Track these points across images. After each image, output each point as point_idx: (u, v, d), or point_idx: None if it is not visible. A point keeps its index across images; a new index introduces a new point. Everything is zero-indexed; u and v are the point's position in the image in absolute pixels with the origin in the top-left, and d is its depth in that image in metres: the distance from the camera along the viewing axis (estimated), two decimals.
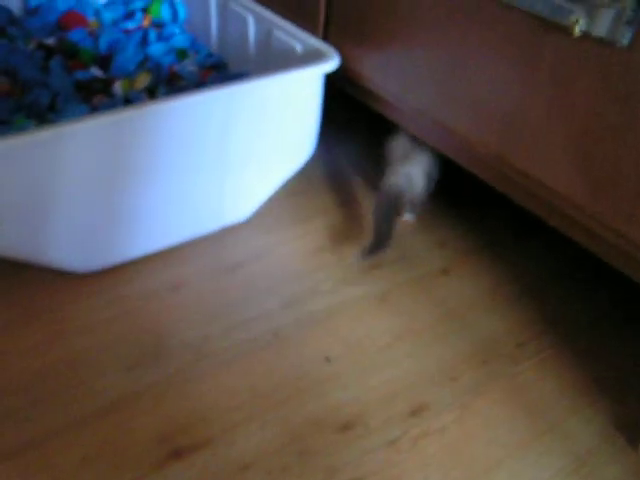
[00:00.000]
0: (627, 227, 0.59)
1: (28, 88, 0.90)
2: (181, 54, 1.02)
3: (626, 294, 0.84)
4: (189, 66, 0.99)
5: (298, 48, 0.86)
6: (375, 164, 1.03)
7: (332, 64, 0.80)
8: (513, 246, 0.90)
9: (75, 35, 1.00)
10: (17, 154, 0.63)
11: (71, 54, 0.98)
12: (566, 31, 0.58)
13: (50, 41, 1.00)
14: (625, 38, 0.54)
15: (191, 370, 0.70)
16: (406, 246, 0.88)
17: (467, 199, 0.98)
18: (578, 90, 0.60)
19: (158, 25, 1.09)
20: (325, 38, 0.88)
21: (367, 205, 0.95)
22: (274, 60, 0.91)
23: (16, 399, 0.65)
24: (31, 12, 1.08)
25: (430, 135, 0.78)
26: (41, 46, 0.98)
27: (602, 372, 0.74)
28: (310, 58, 0.83)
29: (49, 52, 0.98)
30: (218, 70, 1.00)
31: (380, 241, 0.82)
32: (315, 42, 0.84)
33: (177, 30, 1.06)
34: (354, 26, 0.83)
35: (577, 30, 0.57)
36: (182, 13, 1.09)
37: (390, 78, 0.80)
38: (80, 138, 0.66)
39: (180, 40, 1.05)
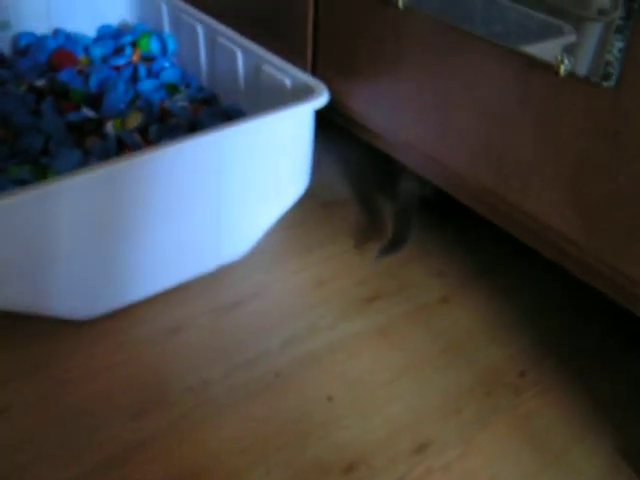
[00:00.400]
0: (621, 262, 0.59)
1: (20, 133, 0.91)
2: (172, 89, 1.02)
3: (627, 318, 0.84)
4: (180, 101, 0.99)
5: (288, 83, 0.86)
6: (372, 192, 1.03)
7: (322, 100, 0.80)
8: (512, 271, 0.90)
9: (65, 75, 1.00)
10: (12, 211, 0.63)
11: (62, 95, 0.98)
12: (552, 70, 0.58)
13: (41, 83, 1.00)
14: (611, 79, 0.54)
15: (193, 416, 0.70)
16: (404, 276, 0.88)
17: (463, 224, 0.98)
18: (565, 128, 0.60)
19: (148, 59, 1.09)
20: (314, 72, 0.89)
21: (366, 234, 0.95)
22: (264, 94, 0.91)
23: (19, 456, 0.66)
24: (21, 52, 1.09)
25: (422, 168, 0.79)
26: (32, 88, 0.99)
27: (605, 398, 0.74)
28: (300, 93, 0.84)
29: (40, 94, 0.98)
30: (209, 104, 1.00)
31: (397, 240, 0.83)
32: (304, 77, 0.84)
33: (167, 64, 1.07)
34: (341, 61, 0.83)
35: (562, 70, 0.57)
36: (171, 46, 1.09)
37: (379, 112, 0.80)
38: (74, 191, 0.66)
39: (170, 74, 1.05)
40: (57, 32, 1.12)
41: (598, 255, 0.61)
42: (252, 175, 0.79)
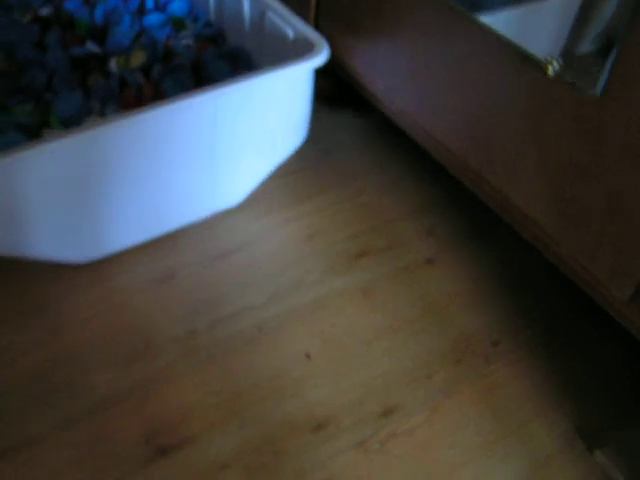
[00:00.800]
0: (590, 263, 0.60)
1: (24, 67, 0.91)
2: (178, 23, 1.01)
3: None
4: (185, 39, 0.98)
5: (290, 34, 0.85)
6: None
7: (321, 58, 0.79)
8: (501, 237, 0.91)
9: (71, 4, 0.99)
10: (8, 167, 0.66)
11: (67, 25, 0.98)
12: (541, 69, 0.58)
13: (46, 12, 0.99)
14: (597, 88, 0.54)
15: (177, 367, 0.74)
16: (395, 233, 0.90)
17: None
18: (550, 126, 0.60)
19: None
20: (316, 23, 0.87)
21: (362, 183, 0.96)
22: (267, 40, 0.90)
23: (9, 399, 0.70)
24: None
25: (415, 134, 0.79)
26: (37, 18, 0.98)
27: (571, 377, 0.77)
28: (301, 45, 0.83)
29: (45, 24, 0.97)
30: (216, 42, 0.99)
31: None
32: (307, 30, 0.83)
33: None
34: (342, 17, 0.81)
35: (551, 70, 0.56)
36: None
37: (377, 76, 0.79)
38: (68, 147, 0.68)
39: (178, 6, 1.03)
40: None
41: (571, 251, 0.62)
42: (247, 130, 0.80)
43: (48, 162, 0.68)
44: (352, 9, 0.79)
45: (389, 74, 0.77)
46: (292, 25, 0.85)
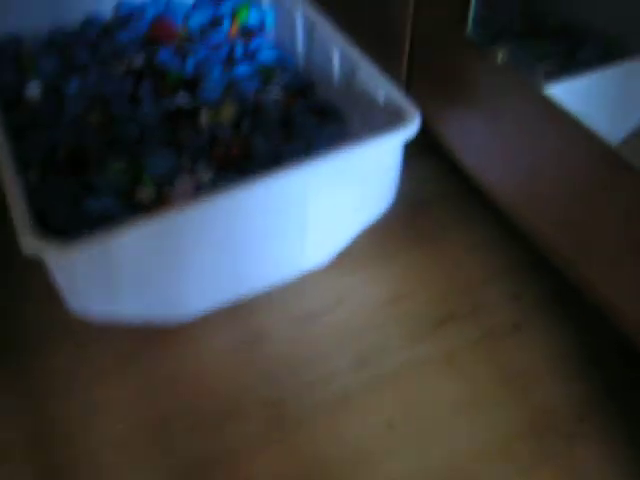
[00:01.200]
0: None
1: (118, 121, 0.94)
2: (267, 74, 1.02)
3: None
4: (274, 92, 0.99)
5: (380, 97, 0.85)
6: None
7: (413, 129, 0.79)
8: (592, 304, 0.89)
9: (163, 55, 1.01)
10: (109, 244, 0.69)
11: (159, 75, 1.00)
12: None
13: (139, 62, 1.02)
14: None
15: (265, 435, 0.76)
16: (479, 296, 0.89)
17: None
18: None
19: (245, 33, 1.08)
20: (408, 83, 0.86)
21: (448, 240, 0.95)
22: (356, 99, 0.90)
23: (107, 456, 0.74)
24: (121, 21, 1.10)
25: (509, 211, 0.78)
26: (130, 71, 1.01)
27: None
28: (391, 111, 0.83)
29: (138, 75, 1.00)
30: (304, 94, 1.00)
31: None
32: (398, 97, 0.82)
33: (264, 43, 1.06)
34: (437, 84, 0.81)
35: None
36: (270, 20, 1.08)
37: (468, 149, 0.79)
38: (163, 225, 0.71)
39: (267, 55, 1.04)
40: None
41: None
42: (337, 198, 0.81)
43: (144, 238, 0.71)
44: (447, 79, 0.78)
45: (481, 151, 0.76)
46: (383, 88, 0.85)
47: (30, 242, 0.67)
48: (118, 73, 1.00)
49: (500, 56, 0.66)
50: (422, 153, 1.05)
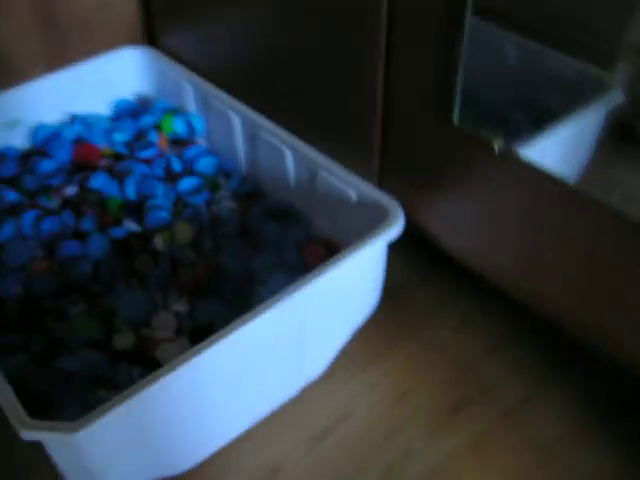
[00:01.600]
0: None
1: (66, 262, 0.86)
2: (213, 183, 0.97)
3: None
4: (225, 201, 0.94)
5: (353, 195, 0.82)
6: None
7: (398, 227, 0.76)
8: (599, 362, 0.88)
9: (96, 182, 0.94)
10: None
11: (97, 204, 0.93)
12: None
13: (71, 191, 0.94)
14: None
15: None
16: (483, 374, 0.87)
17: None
18: None
19: (177, 142, 1.03)
20: (380, 179, 0.84)
21: (435, 323, 0.93)
22: (322, 200, 0.87)
23: None
24: (39, 150, 1.01)
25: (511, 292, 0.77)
26: (66, 202, 0.92)
27: None
28: (367, 208, 0.80)
29: (76, 207, 0.92)
30: (256, 199, 0.96)
31: None
32: (373, 194, 0.80)
33: (199, 151, 1.01)
34: (414, 174, 0.79)
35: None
36: (199, 127, 1.03)
37: (459, 236, 0.78)
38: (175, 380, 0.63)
39: (206, 164, 0.99)
40: (73, 119, 1.05)
41: None
42: (329, 310, 0.77)
43: (150, 401, 0.63)
44: (429, 167, 0.76)
45: (475, 236, 0.75)
46: (354, 187, 0.82)
47: (29, 434, 0.58)
48: (53, 208, 0.92)
49: (497, 145, 0.65)
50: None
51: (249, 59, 0.94)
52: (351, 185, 0.82)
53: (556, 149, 0.74)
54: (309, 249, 0.88)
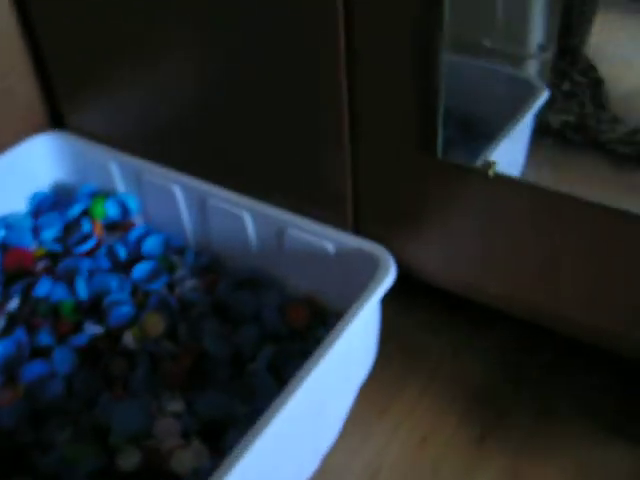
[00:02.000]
0: None
1: (32, 388, 0.77)
2: (167, 263, 0.90)
3: None
4: (187, 280, 0.87)
5: (329, 248, 0.79)
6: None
7: (391, 275, 0.73)
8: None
9: (42, 289, 0.85)
10: None
11: (51, 312, 0.84)
12: None
13: (14, 304, 0.84)
14: None
15: None
16: (495, 398, 0.85)
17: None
18: None
19: (112, 227, 0.95)
20: (357, 225, 0.80)
21: (433, 357, 0.90)
22: (293, 259, 0.83)
23: None
24: None
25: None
26: (13, 319, 0.83)
27: None
28: (348, 258, 0.77)
29: (25, 321, 0.82)
30: (217, 272, 0.90)
31: None
32: (354, 241, 0.77)
33: (141, 231, 0.93)
34: (394, 217, 0.76)
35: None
36: (133, 206, 0.95)
37: (455, 273, 0.76)
38: None
39: (152, 243, 0.92)
40: None
41: None
42: (337, 377, 0.72)
43: None
44: (409, 205, 0.74)
45: (472, 268, 0.73)
46: (330, 238, 0.78)
47: None
48: None
49: (491, 169, 0.63)
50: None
51: (180, 125, 0.87)
52: (326, 237, 0.79)
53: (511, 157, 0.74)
54: (291, 311, 0.84)
